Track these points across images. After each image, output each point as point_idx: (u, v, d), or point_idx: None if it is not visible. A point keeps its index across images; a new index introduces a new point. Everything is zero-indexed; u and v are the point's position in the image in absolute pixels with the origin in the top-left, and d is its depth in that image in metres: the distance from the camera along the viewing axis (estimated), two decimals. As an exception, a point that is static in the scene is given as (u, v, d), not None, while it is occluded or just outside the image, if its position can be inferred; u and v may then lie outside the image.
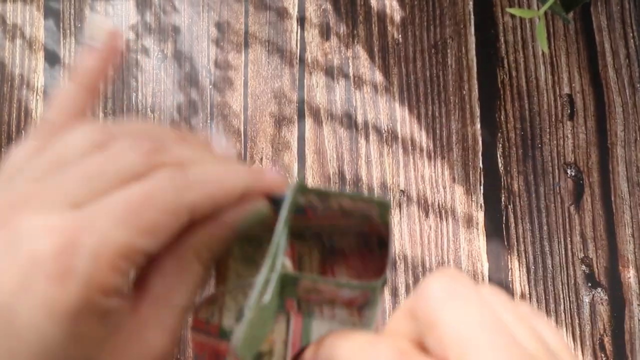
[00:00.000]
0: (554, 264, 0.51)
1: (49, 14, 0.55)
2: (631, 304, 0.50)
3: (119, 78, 0.54)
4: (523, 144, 0.53)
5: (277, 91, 0.53)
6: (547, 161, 0.52)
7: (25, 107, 0.54)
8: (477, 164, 0.52)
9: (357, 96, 0.53)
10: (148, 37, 0.55)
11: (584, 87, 0.53)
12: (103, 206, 0.17)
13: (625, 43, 0.54)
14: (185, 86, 0.54)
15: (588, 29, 0.54)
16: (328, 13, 0.55)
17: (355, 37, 0.54)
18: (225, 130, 0.53)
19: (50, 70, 0.54)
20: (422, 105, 0.53)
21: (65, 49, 0.55)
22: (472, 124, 0.53)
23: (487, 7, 0.55)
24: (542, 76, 0.54)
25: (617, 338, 0.49)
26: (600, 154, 0.52)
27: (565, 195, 0.52)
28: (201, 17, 0.55)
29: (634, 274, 0.50)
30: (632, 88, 0.53)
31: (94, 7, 0.55)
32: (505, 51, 0.54)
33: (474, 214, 0.52)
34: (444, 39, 0.54)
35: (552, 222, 0.51)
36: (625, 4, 0.54)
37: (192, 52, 0.54)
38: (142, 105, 0.54)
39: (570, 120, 0.53)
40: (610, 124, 0.53)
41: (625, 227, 0.51)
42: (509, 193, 0.52)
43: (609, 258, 0.51)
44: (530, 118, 0.53)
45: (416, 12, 0.55)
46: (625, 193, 0.52)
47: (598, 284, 0.50)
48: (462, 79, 0.54)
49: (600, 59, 0.54)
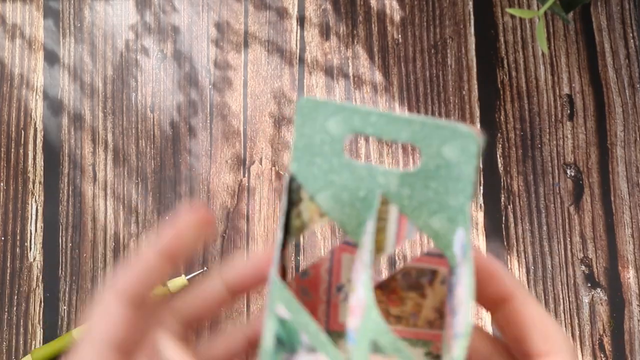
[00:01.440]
0: (553, 264, 0.51)
1: (48, 14, 0.55)
2: (630, 305, 0.50)
3: (119, 78, 0.54)
4: (523, 144, 0.53)
5: (276, 91, 0.53)
6: (547, 161, 0.52)
7: (25, 106, 0.54)
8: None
9: (356, 96, 0.53)
10: (148, 37, 0.55)
11: (584, 88, 0.53)
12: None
13: (625, 43, 0.54)
14: (185, 86, 0.54)
15: (588, 29, 0.54)
16: (328, 13, 0.55)
17: (355, 37, 0.54)
18: (225, 130, 0.53)
19: (49, 70, 0.54)
20: (422, 105, 0.53)
21: (64, 48, 0.55)
22: (472, 124, 0.53)
23: (487, 7, 0.55)
24: (542, 76, 0.54)
25: (617, 338, 0.49)
26: (600, 154, 0.52)
27: (565, 196, 0.52)
28: (201, 17, 0.55)
29: (634, 275, 0.50)
30: (632, 88, 0.53)
31: (94, 7, 0.55)
32: (505, 51, 0.54)
33: (473, 214, 0.52)
34: (444, 39, 0.54)
35: (551, 223, 0.51)
36: (625, 5, 0.54)
37: (192, 52, 0.54)
38: (142, 105, 0.54)
39: (570, 121, 0.53)
40: (610, 124, 0.53)
41: (625, 228, 0.51)
42: (509, 193, 0.52)
43: (609, 258, 0.51)
44: (530, 118, 0.53)
45: (416, 12, 0.55)
46: (625, 193, 0.52)
47: (597, 284, 0.50)
48: (462, 79, 0.54)
49: (600, 59, 0.54)
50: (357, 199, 0.21)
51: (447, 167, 0.20)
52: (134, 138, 0.53)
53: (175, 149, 0.53)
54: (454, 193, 0.20)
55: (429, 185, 0.20)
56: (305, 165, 0.20)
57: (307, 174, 0.20)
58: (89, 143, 0.53)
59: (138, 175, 0.53)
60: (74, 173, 0.53)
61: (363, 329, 0.19)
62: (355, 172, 0.20)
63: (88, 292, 0.51)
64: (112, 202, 0.52)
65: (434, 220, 0.20)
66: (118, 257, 0.51)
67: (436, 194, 0.20)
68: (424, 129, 0.19)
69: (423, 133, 0.19)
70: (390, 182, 0.20)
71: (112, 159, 0.53)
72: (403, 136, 0.19)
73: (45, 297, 0.51)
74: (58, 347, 0.48)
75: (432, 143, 0.19)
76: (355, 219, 0.21)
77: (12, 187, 0.52)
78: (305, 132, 0.20)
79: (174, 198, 0.52)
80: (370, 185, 0.20)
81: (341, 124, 0.20)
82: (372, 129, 0.20)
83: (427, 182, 0.20)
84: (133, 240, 0.51)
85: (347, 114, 0.20)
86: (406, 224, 0.21)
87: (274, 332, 0.20)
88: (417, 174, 0.20)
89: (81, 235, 0.51)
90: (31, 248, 0.51)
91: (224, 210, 0.52)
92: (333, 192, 0.21)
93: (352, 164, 0.20)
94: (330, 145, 0.20)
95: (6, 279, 0.51)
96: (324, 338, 0.19)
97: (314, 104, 0.20)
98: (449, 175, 0.20)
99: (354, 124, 0.20)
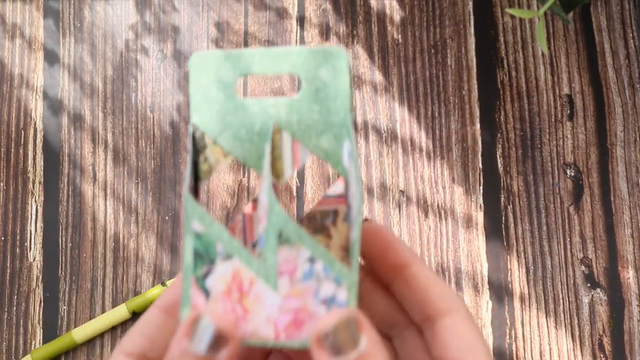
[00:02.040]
0: (553, 264, 0.51)
1: (48, 14, 0.55)
2: (630, 305, 0.50)
3: (119, 78, 0.54)
4: (523, 144, 0.53)
5: (276, 91, 0.53)
6: (547, 161, 0.52)
7: (25, 106, 0.54)
8: (477, 164, 0.52)
9: (356, 96, 0.53)
10: (147, 36, 0.55)
11: (584, 88, 0.53)
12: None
13: (625, 43, 0.54)
14: (185, 86, 0.54)
15: (588, 29, 0.54)
16: (328, 13, 0.55)
17: (355, 37, 0.54)
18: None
19: (49, 70, 0.54)
20: (422, 105, 0.53)
21: (64, 48, 0.55)
22: (472, 124, 0.53)
23: (486, 7, 0.55)
24: (542, 76, 0.54)
25: (616, 338, 0.49)
26: (599, 155, 0.52)
27: (565, 196, 0.52)
28: (201, 17, 0.55)
29: (633, 275, 0.50)
30: (632, 88, 0.53)
31: (94, 7, 0.55)
32: (505, 51, 0.54)
33: (473, 214, 0.52)
34: (444, 39, 0.54)
35: (551, 223, 0.51)
36: (625, 5, 0.54)
37: (192, 51, 0.54)
38: (142, 104, 0.54)
39: (569, 121, 0.53)
40: (610, 125, 0.53)
41: (625, 228, 0.51)
42: (509, 193, 0.52)
43: (609, 258, 0.51)
44: (529, 118, 0.53)
45: (416, 12, 0.55)
46: (625, 193, 0.52)
47: (597, 284, 0.50)
48: (462, 79, 0.54)
49: (600, 60, 0.54)
50: (255, 134, 0.23)
51: (325, 88, 0.22)
52: (134, 138, 0.53)
53: (175, 149, 0.53)
54: (335, 111, 0.22)
55: (313, 109, 0.22)
56: (205, 113, 0.23)
57: (207, 121, 0.23)
58: (89, 143, 0.53)
59: (138, 175, 0.53)
60: (74, 173, 0.53)
61: (269, 226, 0.21)
62: (249, 109, 0.23)
63: (88, 292, 0.51)
64: (112, 202, 0.52)
65: (323, 141, 0.23)
66: (118, 257, 0.51)
67: (320, 115, 0.23)
68: (300, 57, 0.22)
69: (300, 61, 0.22)
70: (280, 111, 0.23)
71: (112, 159, 0.53)
72: (284, 68, 0.22)
73: (45, 297, 0.51)
74: (58, 347, 0.48)
75: (309, 69, 0.22)
76: (255, 152, 0.23)
77: (12, 187, 0.52)
78: (201, 83, 0.22)
79: (173, 198, 0.52)
80: (263, 118, 0.23)
81: (230, 70, 0.22)
82: (257, 68, 0.22)
83: (311, 106, 0.22)
84: (133, 240, 0.51)
85: (234, 60, 0.22)
86: (299, 148, 0.24)
87: (192, 247, 0.22)
88: (302, 100, 0.22)
89: (81, 235, 0.52)
90: (31, 248, 0.51)
91: (223, 210, 0.52)
92: (232, 132, 0.23)
93: (245, 102, 0.23)
94: (224, 91, 0.22)
95: (6, 279, 0.51)
96: (237, 243, 0.21)
97: (204, 57, 0.22)
98: (327, 96, 0.22)
99: (241, 67, 0.22)
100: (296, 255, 0.21)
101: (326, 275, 0.21)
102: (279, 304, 0.21)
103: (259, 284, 0.21)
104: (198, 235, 0.21)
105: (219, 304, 0.21)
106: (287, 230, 0.21)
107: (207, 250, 0.21)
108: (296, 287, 0.21)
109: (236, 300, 0.21)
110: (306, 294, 0.22)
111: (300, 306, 0.22)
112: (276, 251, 0.21)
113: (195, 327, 0.21)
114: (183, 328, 0.21)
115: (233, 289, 0.21)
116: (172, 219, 0.52)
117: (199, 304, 0.22)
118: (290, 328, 0.21)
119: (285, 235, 0.21)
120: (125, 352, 0.23)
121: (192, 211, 0.22)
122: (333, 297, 0.21)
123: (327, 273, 0.21)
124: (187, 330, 0.21)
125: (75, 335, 0.49)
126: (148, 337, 0.24)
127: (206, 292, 0.21)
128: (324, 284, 0.21)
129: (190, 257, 0.21)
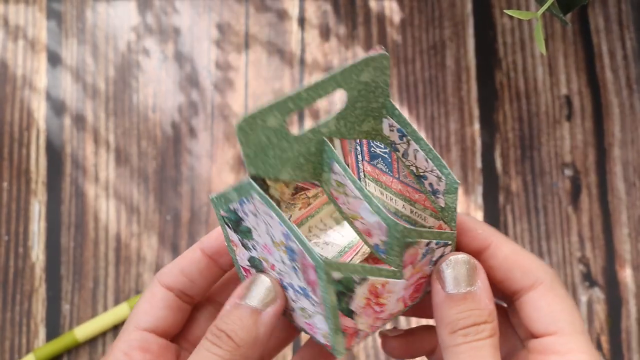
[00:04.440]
0: (551, 263, 0.51)
1: (51, 15, 0.55)
2: (628, 303, 0.50)
3: (121, 79, 0.55)
4: (521, 144, 0.53)
5: (277, 92, 0.54)
6: (545, 162, 0.53)
7: (28, 107, 0.54)
8: (476, 164, 0.53)
9: (356, 97, 0.53)
10: (149, 38, 0.55)
11: (582, 89, 0.54)
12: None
13: (622, 45, 0.54)
14: (186, 87, 0.54)
15: (585, 30, 0.55)
16: (328, 14, 0.55)
17: (355, 38, 0.55)
18: (227, 131, 0.54)
19: (52, 71, 0.55)
20: (421, 105, 0.54)
21: (67, 50, 0.55)
22: (471, 124, 0.53)
23: (485, 9, 0.55)
24: (540, 77, 0.54)
25: (614, 337, 0.50)
26: (597, 155, 0.53)
27: (563, 196, 0.52)
28: (202, 18, 0.55)
29: (631, 274, 0.51)
30: (629, 89, 0.54)
31: (96, 9, 0.56)
32: (504, 52, 0.54)
33: (472, 214, 0.52)
34: (443, 41, 0.55)
35: (549, 222, 0.52)
36: (623, 6, 0.55)
37: (193, 53, 0.55)
38: (143, 105, 0.54)
39: (567, 121, 0.53)
40: (608, 125, 0.53)
41: (622, 227, 0.52)
42: (507, 193, 0.52)
43: (606, 258, 0.51)
44: (528, 119, 0.53)
45: (415, 13, 0.55)
46: (623, 193, 0.52)
47: (595, 283, 0.51)
48: (461, 80, 0.54)
49: (597, 61, 0.54)
50: (311, 155, 0.24)
51: (366, 86, 0.23)
52: (136, 139, 0.54)
53: (177, 149, 0.53)
54: (374, 100, 0.24)
55: (356, 106, 0.24)
56: (261, 163, 0.22)
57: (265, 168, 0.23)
58: (91, 144, 0.53)
59: (139, 176, 0.53)
60: (76, 173, 0.53)
61: (390, 237, 0.22)
62: (303, 139, 0.23)
63: (90, 291, 0.51)
64: (114, 202, 0.53)
65: (364, 126, 0.24)
66: (120, 256, 0.52)
67: (361, 109, 0.24)
68: (344, 74, 0.22)
69: (344, 78, 0.22)
70: (330, 126, 0.23)
71: (113, 159, 0.53)
72: (330, 91, 0.22)
73: (48, 296, 0.51)
74: (60, 345, 0.49)
75: (351, 80, 0.22)
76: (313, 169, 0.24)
77: (15, 187, 0.53)
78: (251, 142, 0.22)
79: (175, 198, 0.53)
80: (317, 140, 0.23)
81: (279, 116, 0.22)
82: (305, 102, 0.22)
83: (355, 105, 0.24)
84: (134, 240, 0.52)
85: (280, 106, 0.22)
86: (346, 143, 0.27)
87: (335, 293, 0.22)
88: (347, 108, 0.23)
89: (83, 235, 0.52)
90: (34, 247, 0.52)
91: (225, 210, 0.52)
92: (291, 164, 0.23)
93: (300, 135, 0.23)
94: (277, 135, 0.22)
95: (9, 278, 0.51)
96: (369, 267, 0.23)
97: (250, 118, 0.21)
98: (367, 91, 0.23)
99: (290, 108, 0.22)
100: (417, 248, 0.23)
101: (438, 245, 0.24)
102: (404, 285, 0.24)
103: (390, 283, 0.23)
104: (338, 281, 0.22)
105: (363, 317, 0.24)
106: (408, 235, 0.22)
107: (347, 287, 0.22)
108: (417, 266, 0.24)
109: (374, 304, 0.23)
110: (424, 266, 0.24)
111: (420, 276, 0.24)
112: (402, 254, 0.23)
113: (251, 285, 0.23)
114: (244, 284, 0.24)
115: (371, 299, 0.23)
116: (173, 218, 0.52)
117: (344, 324, 0.23)
118: (413, 295, 0.25)
119: (407, 240, 0.22)
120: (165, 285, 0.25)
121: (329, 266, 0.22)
122: (442, 255, 0.24)
123: (439, 243, 0.23)
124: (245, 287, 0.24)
125: (78, 334, 0.49)
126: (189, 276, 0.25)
127: (350, 313, 0.23)
128: (436, 252, 0.24)
129: (335, 300, 0.22)
